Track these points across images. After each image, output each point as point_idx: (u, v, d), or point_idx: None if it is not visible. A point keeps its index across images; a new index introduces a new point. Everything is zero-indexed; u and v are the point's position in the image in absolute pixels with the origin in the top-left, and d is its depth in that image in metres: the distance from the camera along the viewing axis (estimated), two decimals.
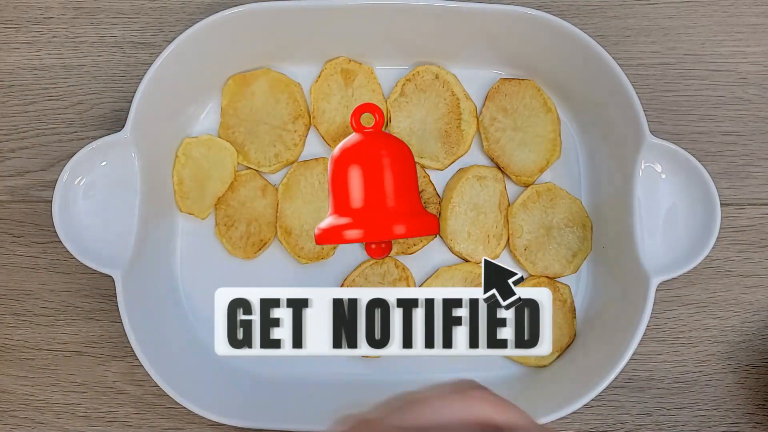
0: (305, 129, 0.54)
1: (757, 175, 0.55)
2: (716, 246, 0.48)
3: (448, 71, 0.54)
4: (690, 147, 0.54)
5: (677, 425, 0.53)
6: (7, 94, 0.56)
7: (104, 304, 0.54)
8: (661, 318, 0.54)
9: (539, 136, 0.54)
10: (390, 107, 0.54)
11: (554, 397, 0.48)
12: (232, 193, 0.53)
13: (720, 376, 0.54)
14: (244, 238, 0.53)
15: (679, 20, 0.56)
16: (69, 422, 0.53)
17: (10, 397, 0.54)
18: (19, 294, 0.54)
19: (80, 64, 0.56)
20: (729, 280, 0.54)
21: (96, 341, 0.54)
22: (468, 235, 0.53)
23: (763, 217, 0.55)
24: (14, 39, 0.57)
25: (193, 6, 0.57)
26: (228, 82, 0.54)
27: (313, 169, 0.53)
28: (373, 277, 0.52)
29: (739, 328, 0.54)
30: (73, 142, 0.55)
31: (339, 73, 0.54)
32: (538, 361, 0.52)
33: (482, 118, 0.54)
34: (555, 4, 0.56)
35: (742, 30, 0.56)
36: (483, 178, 0.53)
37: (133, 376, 0.54)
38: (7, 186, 0.55)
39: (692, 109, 0.56)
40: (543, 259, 0.53)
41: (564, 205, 0.53)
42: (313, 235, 0.52)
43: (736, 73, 0.56)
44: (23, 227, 0.55)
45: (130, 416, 0.53)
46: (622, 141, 0.50)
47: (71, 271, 0.54)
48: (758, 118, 0.56)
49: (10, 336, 0.54)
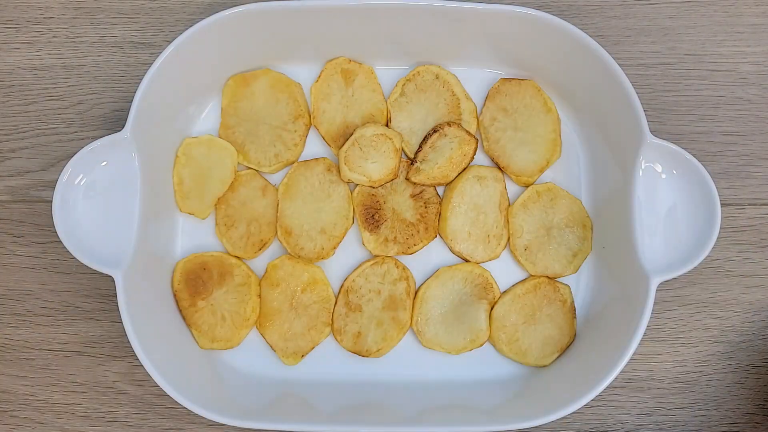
0: (305, 129, 0.54)
1: (757, 175, 0.55)
2: (716, 246, 0.48)
3: (448, 71, 0.54)
4: (690, 147, 0.54)
5: (677, 425, 0.53)
6: (7, 94, 0.56)
7: (104, 304, 0.54)
8: (661, 318, 0.54)
9: (539, 136, 0.54)
10: (390, 107, 0.54)
11: (554, 397, 0.48)
12: (232, 193, 0.53)
13: (720, 376, 0.54)
14: (244, 238, 0.53)
15: (679, 20, 0.56)
16: (69, 422, 0.53)
17: (10, 397, 0.54)
18: (19, 294, 0.54)
19: (80, 64, 0.56)
20: (729, 280, 0.54)
21: (96, 341, 0.54)
22: (468, 235, 0.53)
23: (763, 217, 0.55)
24: (14, 39, 0.57)
25: (193, 6, 0.57)
26: (228, 82, 0.54)
27: (313, 169, 0.53)
28: (373, 277, 0.52)
29: (739, 328, 0.54)
30: (73, 142, 0.55)
31: (339, 73, 0.54)
32: (538, 361, 0.52)
33: (482, 118, 0.54)
34: (555, 4, 0.56)
35: (742, 30, 0.56)
36: (483, 178, 0.53)
37: (133, 376, 0.54)
38: (7, 186, 0.55)
39: (692, 109, 0.56)
40: (543, 259, 0.53)
41: (564, 205, 0.53)
42: (313, 235, 0.52)
43: (736, 73, 0.56)
44: (23, 227, 0.55)
45: (130, 416, 0.53)
46: (622, 141, 0.50)
47: (71, 271, 0.54)
48: (758, 118, 0.56)
49: (10, 336, 0.54)
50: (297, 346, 0.52)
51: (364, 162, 0.52)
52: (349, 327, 0.52)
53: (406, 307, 0.52)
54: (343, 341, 0.52)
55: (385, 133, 0.52)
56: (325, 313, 0.52)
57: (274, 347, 0.52)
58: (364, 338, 0.52)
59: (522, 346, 0.52)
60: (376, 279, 0.52)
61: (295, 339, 0.52)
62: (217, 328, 0.52)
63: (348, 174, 0.52)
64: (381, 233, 0.53)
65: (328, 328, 0.52)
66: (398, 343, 0.52)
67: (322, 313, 0.52)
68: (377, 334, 0.52)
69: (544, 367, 0.52)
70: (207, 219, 0.53)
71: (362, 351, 0.52)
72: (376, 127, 0.52)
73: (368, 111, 0.54)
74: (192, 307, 0.52)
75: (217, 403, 0.47)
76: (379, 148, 0.52)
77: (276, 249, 0.54)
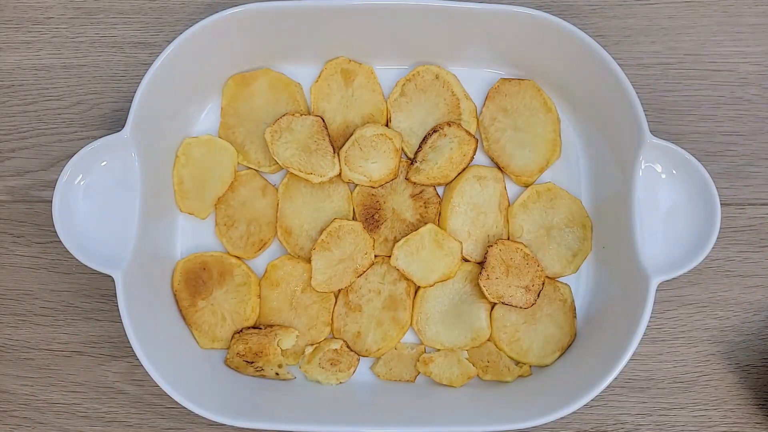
0: None
1: (757, 175, 0.55)
2: (716, 246, 0.48)
3: (448, 71, 0.54)
4: (690, 147, 0.54)
5: (677, 425, 0.53)
6: (7, 94, 0.56)
7: (104, 304, 0.54)
8: (661, 318, 0.54)
9: (539, 136, 0.54)
10: (390, 107, 0.54)
11: (554, 397, 0.48)
12: (232, 193, 0.53)
13: (720, 376, 0.54)
14: (244, 238, 0.53)
15: (679, 20, 0.56)
16: (69, 422, 0.53)
17: (10, 397, 0.54)
18: (19, 294, 0.54)
19: (80, 64, 0.56)
20: (729, 280, 0.54)
21: (96, 341, 0.54)
22: (468, 235, 0.53)
23: (763, 217, 0.55)
24: (14, 39, 0.57)
25: (193, 6, 0.57)
26: (228, 82, 0.54)
27: None
28: (373, 277, 0.52)
29: (739, 328, 0.54)
30: (73, 142, 0.55)
31: (339, 73, 0.54)
32: (539, 360, 0.52)
33: (482, 118, 0.54)
34: (555, 4, 0.56)
35: (742, 30, 0.56)
36: (483, 178, 0.53)
37: (133, 376, 0.54)
38: (7, 186, 0.55)
39: (692, 109, 0.56)
40: (543, 259, 0.53)
41: (564, 205, 0.53)
42: (313, 235, 0.52)
43: (736, 73, 0.56)
44: (23, 227, 0.55)
45: (130, 416, 0.53)
46: (622, 141, 0.50)
47: (71, 271, 0.54)
48: (758, 118, 0.56)
49: (10, 336, 0.54)
50: (297, 345, 0.52)
51: (364, 162, 0.52)
52: (349, 327, 0.52)
53: (406, 307, 0.52)
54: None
55: (385, 133, 0.52)
56: (325, 313, 0.52)
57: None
58: (364, 338, 0.52)
59: (523, 346, 0.52)
60: (376, 279, 0.52)
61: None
62: (217, 328, 0.52)
63: (348, 174, 0.52)
64: (381, 233, 0.53)
65: (328, 328, 0.52)
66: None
67: (322, 313, 0.52)
68: (377, 334, 0.52)
69: (545, 367, 0.52)
70: (207, 219, 0.53)
71: (362, 351, 0.52)
72: (376, 127, 0.52)
73: (368, 111, 0.54)
74: (192, 307, 0.52)
75: (217, 403, 0.47)
76: (379, 148, 0.52)
77: (276, 249, 0.54)
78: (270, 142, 0.51)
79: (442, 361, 0.51)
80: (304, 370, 0.52)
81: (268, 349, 0.51)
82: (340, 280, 0.51)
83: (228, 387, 0.51)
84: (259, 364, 0.51)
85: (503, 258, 0.51)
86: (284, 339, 0.51)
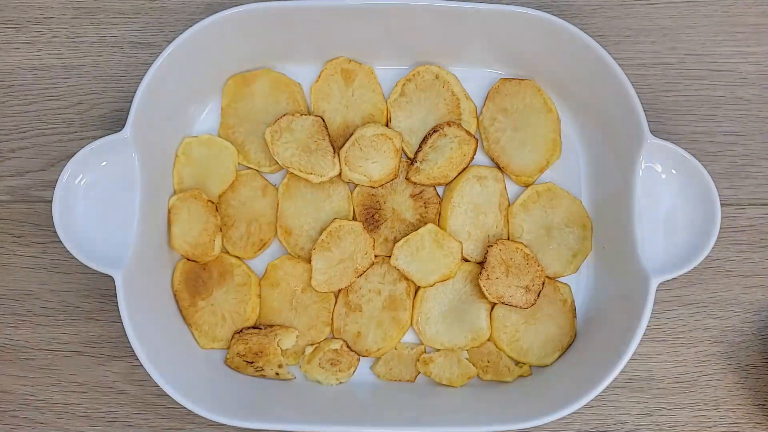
0: None
1: (757, 175, 0.55)
2: (716, 246, 0.48)
3: (448, 71, 0.54)
4: (690, 147, 0.54)
5: (677, 425, 0.53)
6: (7, 94, 0.56)
7: (104, 304, 0.54)
8: (661, 318, 0.54)
9: (539, 136, 0.54)
10: (390, 107, 0.54)
11: (554, 397, 0.48)
12: (233, 193, 0.53)
13: (720, 376, 0.54)
14: (244, 238, 0.53)
15: (679, 20, 0.56)
16: (69, 422, 0.53)
17: (10, 397, 0.54)
18: (19, 294, 0.54)
19: (80, 64, 0.56)
20: (729, 280, 0.54)
21: (96, 341, 0.54)
22: (468, 235, 0.53)
23: (763, 217, 0.55)
24: (14, 39, 0.57)
25: (193, 6, 0.57)
26: (228, 82, 0.54)
27: None
28: (373, 277, 0.52)
29: (739, 328, 0.54)
30: (73, 142, 0.55)
31: (339, 73, 0.54)
32: (539, 360, 0.52)
33: (482, 118, 0.54)
34: (555, 4, 0.56)
35: (742, 30, 0.56)
36: (483, 178, 0.53)
37: (133, 376, 0.54)
38: (7, 186, 0.55)
39: (692, 109, 0.56)
40: (543, 259, 0.53)
41: (564, 205, 0.53)
42: (312, 235, 0.52)
43: (736, 73, 0.56)
44: (23, 227, 0.55)
45: (130, 416, 0.53)
46: (622, 141, 0.50)
47: (71, 271, 0.54)
48: (758, 118, 0.56)
49: (10, 336, 0.54)
50: (297, 345, 0.52)
51: (364, 162, 0.52)
52: (349, 327, 0.52)
53: (406, 307, 0.52)
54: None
55: (385, 133, 0.52)
56: (325, 313, 0.52)
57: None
58: (364, 338, 0.52)
59: (523, 346, 0.52)
60: (376, 279, 0.52)
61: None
62: (217, 328, 0.52)
63: (348, 174, 0.52)
64: (381, 233, 0.53)
65: (328, 328, 0.52)
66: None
67: (322, 313, 0.52)
68: (377, 334, 0.52)
69: (545, 367, 0.52)
70: None
71: (362, 351, 0.52)
72: (376, 127, 0.52)
73: (368, 111, 0.54)
74: (192, 307, 0.52)
75: (217, 403, 0.47)
76: (379, 148, 0.52)
77: (276, 249, 0.54)
78: (270, 142, 0.51)
79: (442, 361, 0.51)
80: (304, 370, 0.52)
81: (268, 349, 0.51)
82: (340, 280, 0.51)
83: (228, 387, 0.51)
84: (259, 364, 0.51)
85: (503, 258, 0.51)
86: (284, 339, 0.51)
